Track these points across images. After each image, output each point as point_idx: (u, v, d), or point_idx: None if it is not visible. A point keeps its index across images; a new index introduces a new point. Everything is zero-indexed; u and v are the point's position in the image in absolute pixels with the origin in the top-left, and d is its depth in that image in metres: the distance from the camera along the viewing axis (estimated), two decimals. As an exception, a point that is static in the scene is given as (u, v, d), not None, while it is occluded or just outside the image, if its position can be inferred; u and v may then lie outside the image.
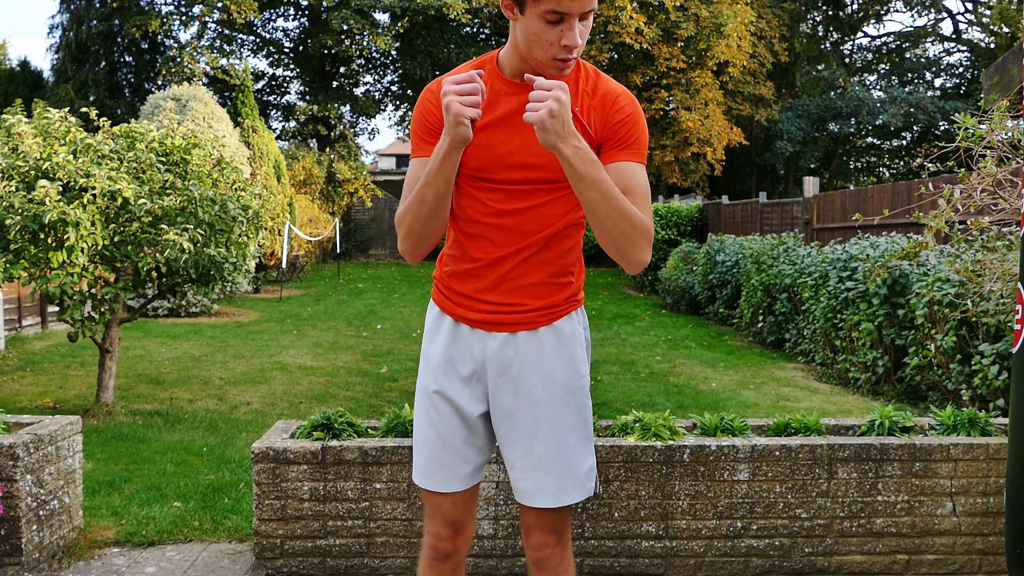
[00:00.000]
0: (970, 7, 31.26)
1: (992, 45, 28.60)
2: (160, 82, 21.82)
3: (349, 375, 7.29)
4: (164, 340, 9.02)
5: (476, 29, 25.02)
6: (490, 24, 24.74)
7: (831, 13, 30.96)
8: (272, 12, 24.54)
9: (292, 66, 25.28)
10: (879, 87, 30.14)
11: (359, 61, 25.32)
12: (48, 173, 5.03)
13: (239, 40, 23.92)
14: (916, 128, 27.39)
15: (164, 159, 5.64)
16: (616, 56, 22.59)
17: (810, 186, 11.27)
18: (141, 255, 5.16)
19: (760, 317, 9.35)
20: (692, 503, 3.07)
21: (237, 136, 13.81)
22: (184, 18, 21.68)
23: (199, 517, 3.68)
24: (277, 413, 5.87)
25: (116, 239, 5.21)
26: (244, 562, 3.24)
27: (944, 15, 31.87)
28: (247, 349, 8.54)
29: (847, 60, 32.14)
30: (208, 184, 5.73)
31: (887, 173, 31.55)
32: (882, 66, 32.40)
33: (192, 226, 5.25)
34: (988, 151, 4.15)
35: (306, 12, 24.57)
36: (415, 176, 1.88)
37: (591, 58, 20.91)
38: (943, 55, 31.41)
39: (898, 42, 32.27)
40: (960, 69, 29.89)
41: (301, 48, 24.70)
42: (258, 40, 24.51)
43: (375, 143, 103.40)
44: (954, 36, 31.38)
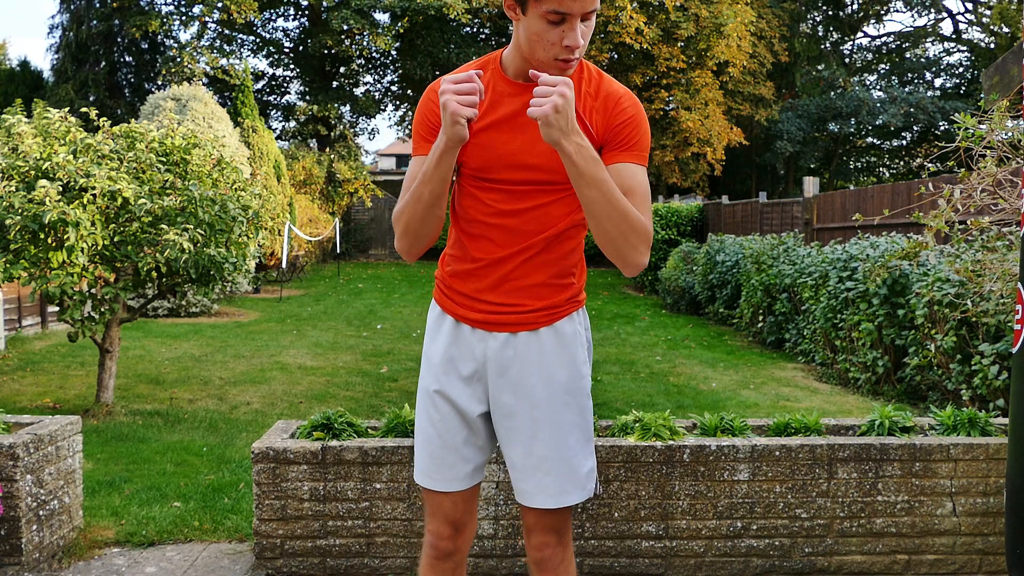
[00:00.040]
0: (970, 7, 31.28)
1: (992, 45, 28.61)
2: (160, 82, 21.82)
3: (349, 375, 7.29)
4: (164, 340, 9.02)
5: (476, 29, 25.02)
6: (490, 24, 24.74)
7: (831, 13, 30.96)
8: (272, 12, 24.54)
9: (292, 66, 25.29)
10: (879, 87, 30.14)
11: (359, 61, 25.32)
12: (48, 173, 5.03)
13: (239, 40, 23.92)
14: (916, 128, 27.39)
15: (164, 159, 5.64)
16: (616, 56, 22.59)
17: (810, 186, 11.27)
18: (141, 255, 5.16)
19: (760, 317, 9.35)
20: (692, 503, 3.07)
21: (237, 136, 13.81)
22: (184, 18, 21.69)
23: (199, 517, 3.69)
24: (277, 413, 5.87)
25: (116, 239, 5.21)
26: (244, 562, 3.24)
27: (944, 15, 31.89)
28: (247, 349, 8.54)
29: (847, 60, 32.14)
30: (208, 184, 5.73)
31: (887, 173, 31.55)
32: (882, 66, 32.40)
33: (192, 226, 5.25)
34: (988, 151, 4.15)
35: (306, 12, 24.57)
36: (414, 174, 1.88)
37: (591, 58, 20.91)
38: (943, 55, 31.42)
39: (898, 42, 32.27)
40: (960, 69, 29.89)
41: (301, 48, 24.70)
42: (258, 40, 24.51)
43: (375, 143, 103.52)
44: (954, 36, 31.39)
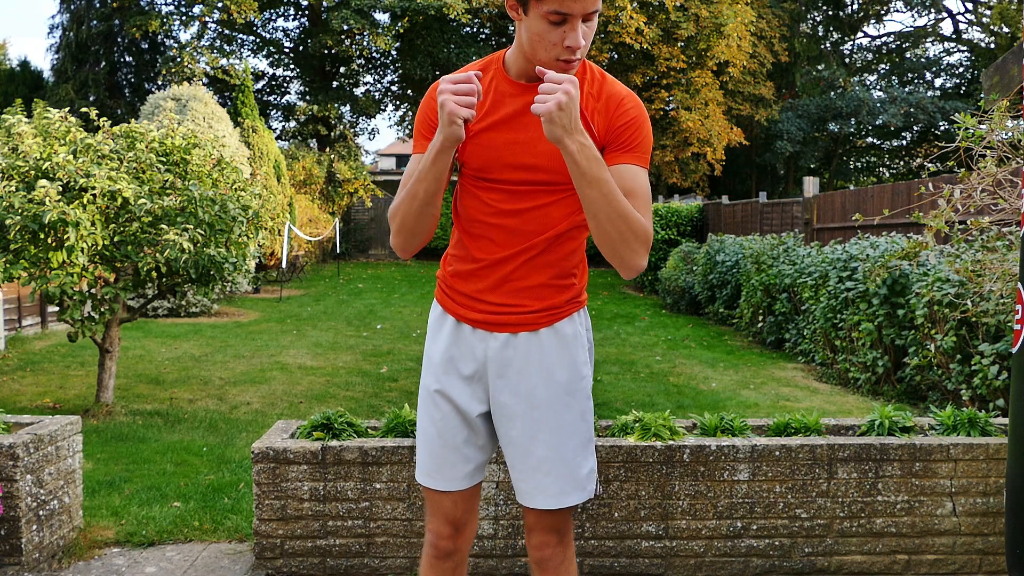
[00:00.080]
0: (970, 7, 31.28)
1: (992, 45, 28.61)
2: (160, 82, 21.83)
3: (349, 375, 7.29)
4: (164, 340, 9.02)
5: (476, 29, 25.02)
6: (490, 24, 24.74)
7: (831, 13, 30.96)
8: (272, 12, 24.54)
9: (292, 66, 25.29)
10: (879, 87, 30.14)
11: (359, 61, 25.32)
12: (48, 173, 5.03)
13: (239, 40, 23.93)
14: (916, 128, 27.40)
15: (164, 159, 5.64)
16: (616, 56, 22.60)
17: (810, 186, 11.27)
18: (141, 255, 5.16)
19: (760, 317, 9.35)
20: (692, 503, 3.07)
21: (237, 136, 13.82)
22: (184, 18, 21.69)
23: (199, 517, 3.68)
24: (277, 413, 5.87)
25: (116, 239, 5.21)
26: (244, 562, 3.24)
27: (944, 15, 31.90)
28: (247, 349, 8.54)
29: (847, 60, 32.14)
30: (208, 184, 5.73)
31: (887, 173, 31.55)
32: (882, 66, 32.41)
33: (192, 226, 5.25)
34: (988, 151, 4.15)
35: (306, 12, 24.58)
36: (411, 171, 1.89)
37: (591, 58, 20.91)
38: (943, 55, 31.43)
39: (898, 42, 32.28)
40: (960, 69, 29.90)
41: (301, 48, 24.70)
42: (258, 40, 24.51)
43: (375, 143, 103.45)
44: (954, 36, 31.40)
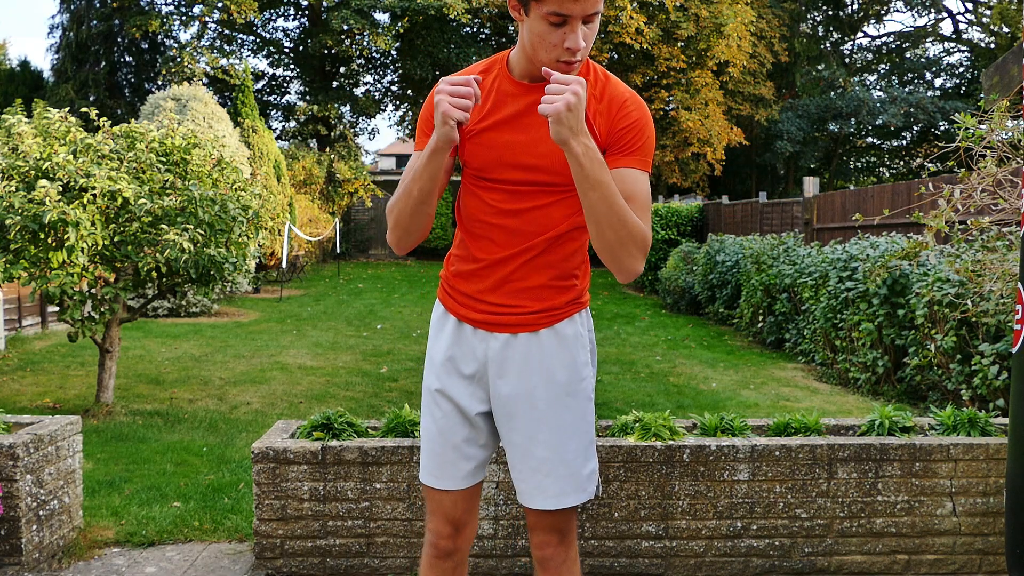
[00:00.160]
0: (970, 7, 31.28)
1: (992, 45, 28.61)
2: (160, 82, 21.83)
3: (349, 375, 7.29)
4: (164, 340, 9.02)
5: (476, 29, 25.03)
6: (490, 24, 24.74)
7: (831, 13, 30.96)
8: (272, 12, 24.55)
9: (292, 66, 25.29)
10: (879, 87, 30.14)
11: (359, 61, 25.32)
12: (48, 173, 5.03)
13: (239, 40, 23.93)
14: (916, 128, 27.41)
15: (164, 159, 5.64)
16: (616, 56, 22.61)
17: (810, 186, 11.27)
18: (141, 255, 5.16)
19: (760, 317, 9.34)
20: (692, 503, 3.07)
21: (237, 136, 13.82)
22: (184, 18, 21.70)
23: (199, 517, 3.68)
24: (277, 413, 5.87)
25: (116, 239, 5.21)
26: (244, 562, 3.24)
27: (944, 15, 31.91)
28: (247, 349, 8.54)
29: (847, 60, 32.14)
30: (208, 184, 5.73)
31: (887, 173, 31.55)
32: (882, 66, 32.40)
33: (192, 226, 5.25)
34: (988, 151, 4.15)
35: (306, 12, 24.58)
36: (410, 169, 1.89)
37: (592, 58, 20.90)
38: (943, 55, 31.42)
39: (898, 42, 32.28)
40: (960, 69, 29.89)
41: (301, 48, 24.70)
42: (258, 40, 24.51)
43: (375, 143, 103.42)
44: (954, 36, 31.40)
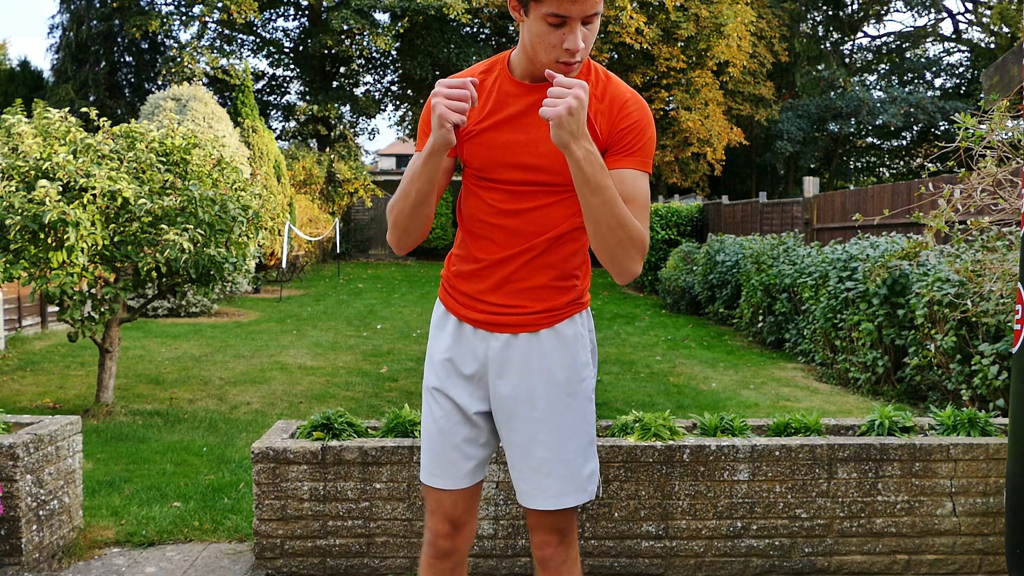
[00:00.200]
0: (970, 7, 31.28)
1: (992, 45, 28.61)
2: (160, 82, 21.83)
3: (349, 375, 7.29)
4: (164, 340, 9.02)
5: (476, 29, 25.03)
6: (490, 24, 24.74)
7: (831, 13, 30.96)
8: (272, 12, 24.55)
9: (292, 66, 25.29)
10: (879, 87, 30.14)
11: (359, 61, 25.32)
12: (48, 173, 5.03)
13: (239, 40, 23.93)
14: (916, 128, 27.40)
15: (164, 159, 5.64)
16: (616, 56, 22.61)
17: (810, 186, 11.27)
18: (141, 255, 5.16)
19: (760, 317, 9.34)
20: (692, 503, 3.07)
21: (237, 136, 13.81)
22: (184, 18, 21.70)
23: (199, 517, 3.68)
24: (277, 413, 5.87)
25: (116, 239, 5.21)
26: (244, 562, 3.24)
27: (944, 15, 31.90)
28: (247, 349, 8.54)
29: (847, 60, 32.14)
30: (208, 184, 5.73)
31: (887, 173, 31.55)
32: (882, 66, 32.40)
33: (192, 226, 5.25)
34: (988, 151, 4.15)
35: (306, 12, 24.58)
36: (409, 170, 1.90)
37: (592, 58, 20.91)
38: (943, 55, 31.42)
39: (898, 42, 32.27)
40: (960, 69, 29.89)
41: (301, 48, 24.70)
42: (258, 40, 24.51)
43: (375, 143, 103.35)
44: (954, 36, 31.39)
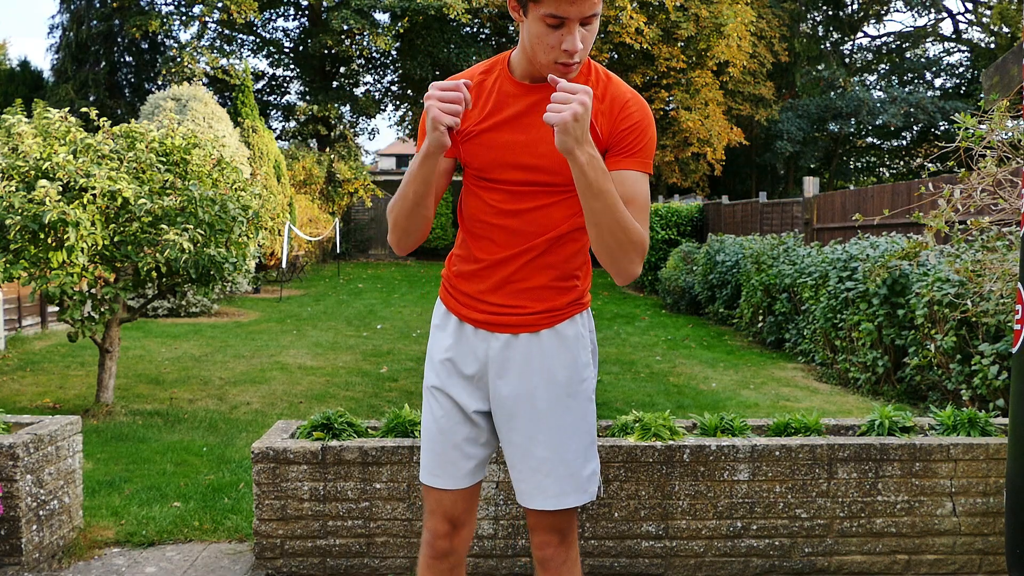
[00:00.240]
0: (970, 7, 31.28)
1: (992, 45, 28.61)
2: (160, 82, 21.83)
3: (349, 375, 7.29)
4: (164, 340, 9.02)
5: (476, 29, 25.03)
6: (490, 24, 24.75)
7: (831, 13, 30.96)
8: (272, 12, 24.55)
9: (292, 66, 25.29)
10: (879, 87, 30.14)
11: (359, 61, 25.33)
12: (48, 173, 5.03)
13: (239, 40, 23.93)
14: (916, 128, 27.40)
15: (164, 159, 5.64)
16: (616, 56, 22.61)
17: (810, 186, 11.27)
18: (141, 255, 5.16)
19: (760, 317, 9.34)
20: (692, 503, 3.07)
21: (237, 136, 13.81)
22: (184, 18, 21.70)
23: (199, 517, 3.68)
24: (277, 413, 5.87)
25: (116, 239, 5.21)
26: (244, 562, 3.24)
27: (944, 15, 31.90)
28: (247, 349, 8.54)
29: (847, 60, 32.14)
30: (208, 184, 5.73)
31: (887, 173, 31.55)
32: (882, 66, 32.40)
33: (192, 226, 5.25)
34: (988, 151, 4.15)
35: (306, 12, 24.58)
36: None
37: (591, 58, 20.91)
38: (943, 55, 31.42)
39: (898, 42, 32.27)
40: (960, 69, 29.90)
41: (301, 48, 24.70)
42: (258, 40, 24.51)
43: (375, 143, 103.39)
44: (954, 36, 31.39)
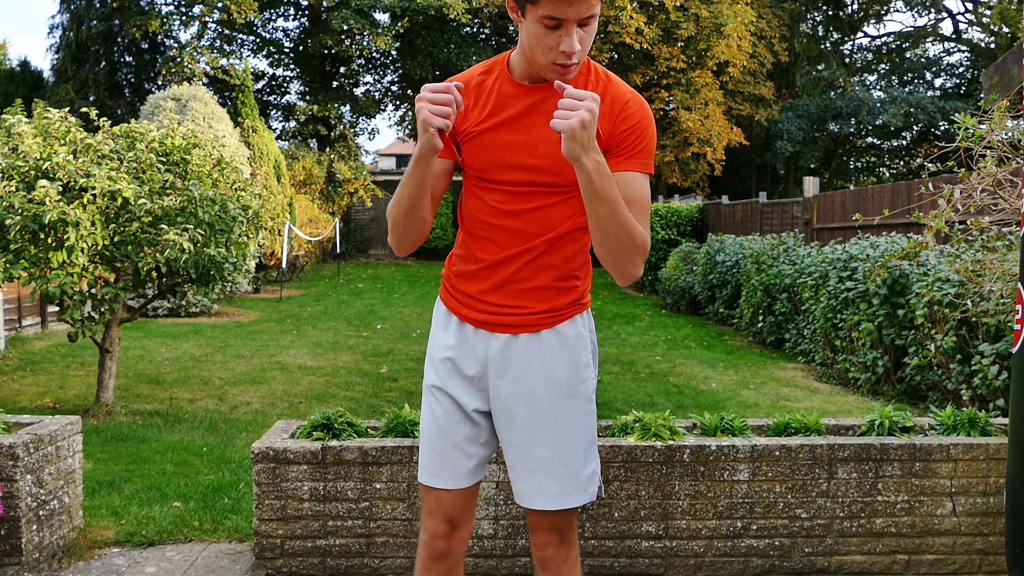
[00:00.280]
0: (970, 7, 31.28)
1: (992, 45, 28.61)
2: (160, 82, 21.83)
3: (349, 375, 7.29)
4: (164, 340, 9.02)
5: (476, 29, 25.03)
6: (490, 24, 24.75)
7: (831, 13, 30.96)
8: (272, 12, 24.55)
9: (292, 66, 25.29)
10: (879, 87, 30.14)
11: (359, 61, 25.33)
12: (48, 173, 5.03)
13: (239, 40, 23.93)
14: (916, 128, 27.40)
15: (164, 159, 5.64)
16: (616, 56, 22.61)
17: (810, 186, 11.27)
18: (141, 255, 5.16)
19: (760, 317, 9.34)
20: (692, 503, 3.07)
21: (237, 136, 13.81)
22: (184, 18, 21.70)
23: (199, 517, 3.68)
24: (277, 413, 5.87)
25: (116, 239, 5.21)
26: (244, 562, 3.24)
27: (944, 15, 31.90)
28: (247, 349, 8.54)
29: (847, 60, 32.14)
30: (208, 184, 5.73)
31: (887, 173, 31.55)
32: (882, 66, 32.40)
33: (192, 226, 5.25)
34: (988, 151, 4.15)
35: (306, 12, 24.58)
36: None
37: (591, 58, 20.91)
38: (943, 55, 31.43)
39: (898, 42, 32.28)
40: (960, 69, 29.90)
41: (301, 48, 24.70)
42: (258, 40, 24.51)
43: (375, 143, 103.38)
44: (954, 36, 31.39)
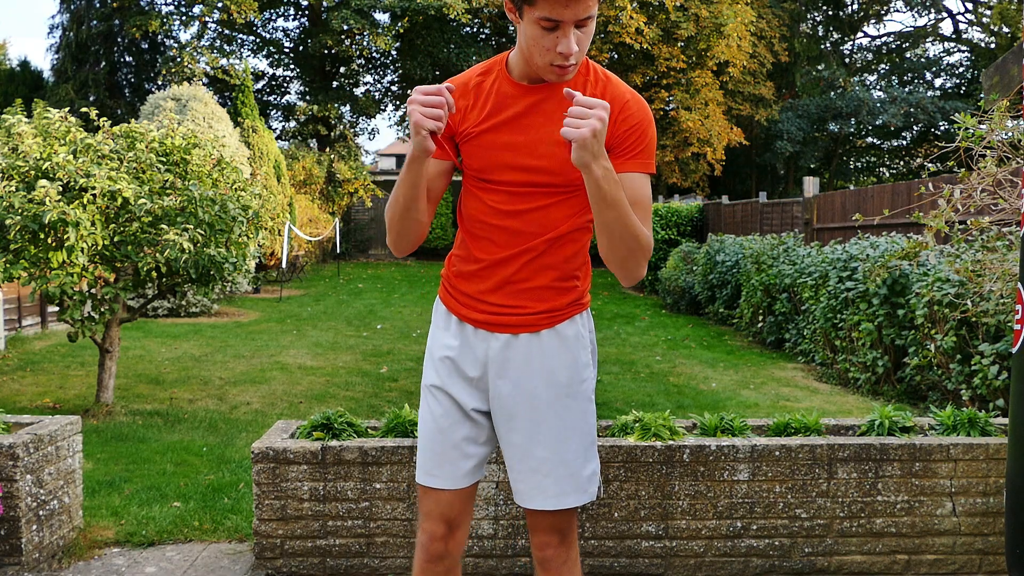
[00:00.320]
0: (970, 7, 31.28)
1: (992, 45, 28.61)
2: (160, 82, 21.84)
3: (349, 375, 7.29)
4: (164, 340, 9.02)
5: (476, 29, 25.04)
6: (490, 24, 24.75)
7: (831, 13, 30.96)
8: (272, 12, 24.55)
9: (292, 66, 25.30)
10: (879, 87, 30.14)
11: (359, 61, 25.33)
12: (48, 173, 5.03)
13: (239, 40, 23.94)
14: (916, 128, 27.41)
15: (164, 159, 5.64)
16: (616, 56, 22.62)
17: (810, 186, 11.27)
18: (141, 255, 5.16)
19: (760, 317, 9.34)
20: (692, 503, 3.07)
21: (237, 136, 13.81)
22: (184, 18, 21.71)
23: (199, 517, 3.69)
24: (277, 413, 5.87)
25: (116, 239, 5.21)
26: (244, 562, 3.24)
27: (944, 15, 31.90)
28: (247, 349, 8.54)
29: (847, 60, 32.14)
30: (208, 184, 5.73)
31: (887, 173, 31.55)
32: (882, 66, 32.40)
33: (192, 226, 5.25)
34: (988, 151, 4.15)
35: (306, 12, 24.58)
36: None
37: (591, 58, 20.91)
38: (943, 55, 31.43)
39: (898, 42, 32.28)
40: (960, 69, 29.90)
41: (301, 48, 24.71)
42: (258, 40, 24.52)
43: (375, 143, 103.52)
44: (954, 36, 31.40)
